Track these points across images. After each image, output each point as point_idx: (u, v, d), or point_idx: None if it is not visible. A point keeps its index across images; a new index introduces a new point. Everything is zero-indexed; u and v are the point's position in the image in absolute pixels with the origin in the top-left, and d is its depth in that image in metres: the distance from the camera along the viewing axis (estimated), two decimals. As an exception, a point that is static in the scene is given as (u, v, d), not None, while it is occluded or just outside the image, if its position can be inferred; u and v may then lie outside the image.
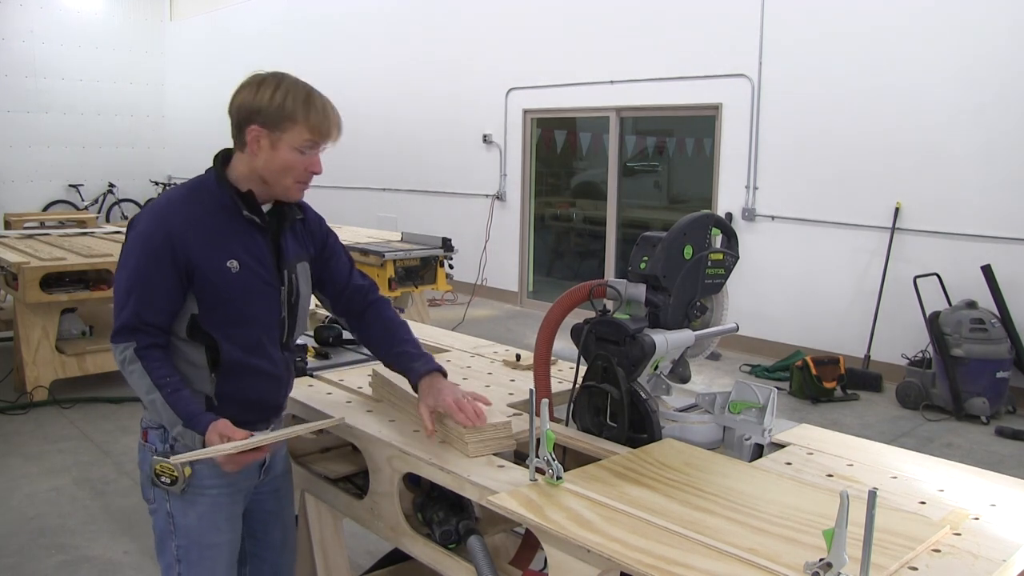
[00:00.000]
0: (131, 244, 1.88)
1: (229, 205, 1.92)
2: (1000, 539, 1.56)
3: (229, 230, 1.91)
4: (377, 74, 10.85)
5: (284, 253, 2.01)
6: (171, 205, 1.91)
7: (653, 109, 8.07)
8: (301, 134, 1.87)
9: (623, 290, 2.16)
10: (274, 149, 1.88)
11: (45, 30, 14.03)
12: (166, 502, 1.95)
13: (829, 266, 6.72)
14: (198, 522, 1.96)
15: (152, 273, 1.84)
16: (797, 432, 2.18)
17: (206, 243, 1.87)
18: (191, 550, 1.97)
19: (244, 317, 1.93)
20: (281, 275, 2.00)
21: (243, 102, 1.89)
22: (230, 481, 1.98)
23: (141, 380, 1.84)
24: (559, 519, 1.59)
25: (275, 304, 2.00)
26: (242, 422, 1.89)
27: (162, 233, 1.84)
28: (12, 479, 4.27)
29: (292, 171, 1.91)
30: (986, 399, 5.41)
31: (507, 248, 9.35)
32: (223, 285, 1.88)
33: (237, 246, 1.91)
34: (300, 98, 1.88)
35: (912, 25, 6.11)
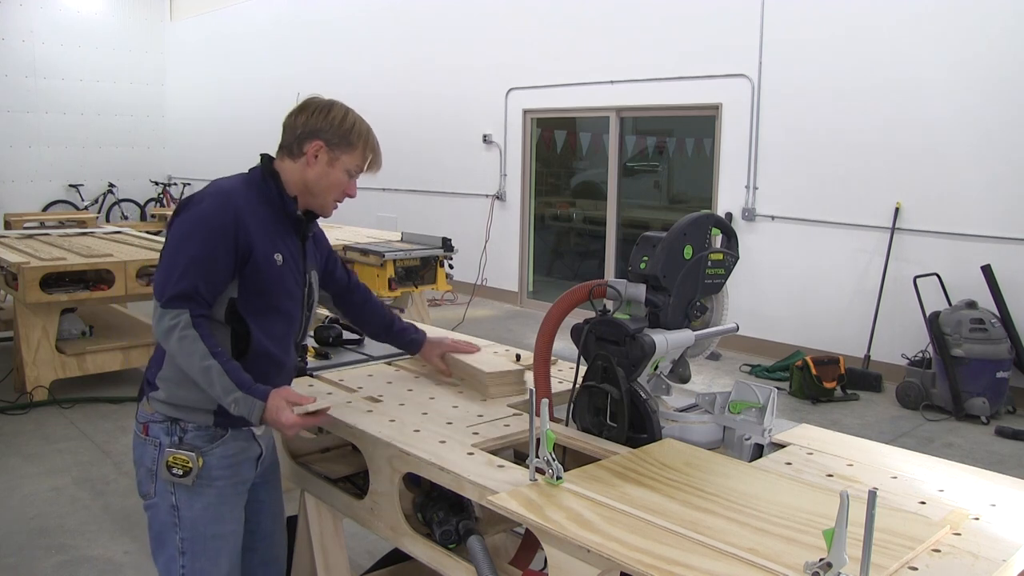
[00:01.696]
0: (195, 219, 1.93)
1: (277, 203, 2.06)
2: (1000, 539, 1.56)
3: (276, 225, 2.04)
4: (377, 74, 10.86)
5: (307, 256, 2.17)
6: (235, 190, 2.00)
7: (653, 109, 8.07)
8: (356, 159, 2.09)
9: (623, 290, 2.16)
10: (330, 166, 2.07)
11: (45, 30, 14.03)
12: (171, 495, 1.99)
13: (829, 266, 6.72)
14: (204, 513, 2.00)
15: (216, 248, 1.90)
16: (797, 432, 2.18)
17: (262, 232, 1.98)
18: (196, 541, 2.00)
19: (279, 309, 2.05)
20: (305, 277, 2.15)
21: (310, 120, 2.06)
22: (235, 472, 2.06)
23: (195, 346, 1.87)
24: (559, 519, 1.59)
25: (299, 302, 2.13)
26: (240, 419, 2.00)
27: (231, 213, 1.93)
28: (12, 479, 4.27)
29: (337, 189, 2.10)
30: (986, 399, 5.41)
31: (507, 248, 9.35)
32: (268, 275, 1.99)
33: (280, 242, 2.04)
34: (364, 130, 2.13)
35: (912, 25, 6.11)
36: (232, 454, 2.05)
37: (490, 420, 2.27)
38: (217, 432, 2.03)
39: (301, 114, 2.08)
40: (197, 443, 2.00)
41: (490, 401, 2.45)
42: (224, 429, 2.03)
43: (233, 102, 13.63)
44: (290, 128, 2.08)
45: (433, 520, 2.04)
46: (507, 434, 2.17)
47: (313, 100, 2.12)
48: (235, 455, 2.07)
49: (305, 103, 2.11)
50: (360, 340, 3.09)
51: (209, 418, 2.01)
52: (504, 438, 2.16)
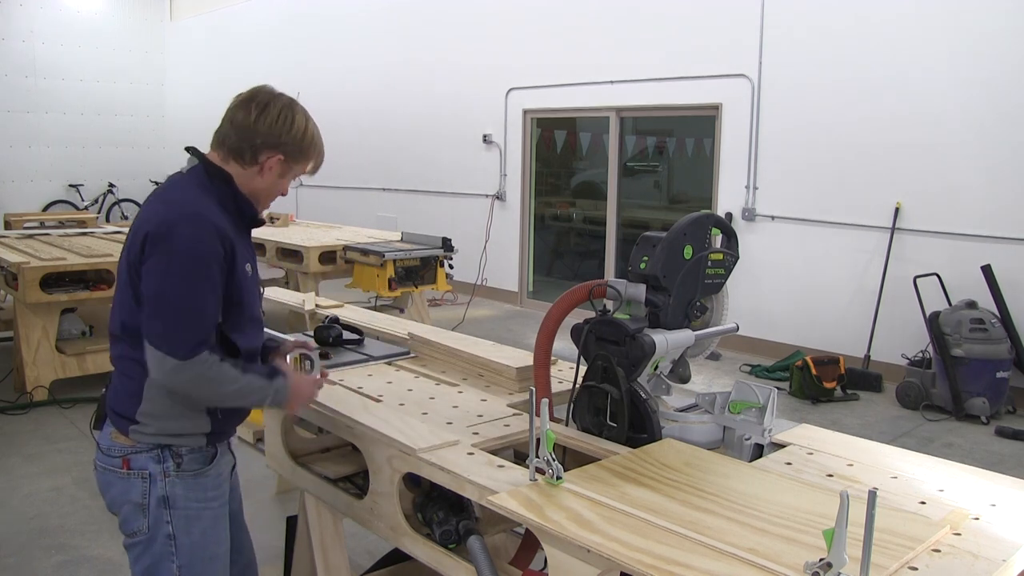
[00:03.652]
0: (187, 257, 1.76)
1: (232, 209, 1.92)
2: (1000, 539, 1.56)
3: (238, 234, 1.91)
4: (377, 74, 10.86)
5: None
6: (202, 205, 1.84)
7: (653, 109, 8.06)
8: (305, 168, 2.01)
9: (623, 290, 2.16)
10: (281, 177, 1.97)
11: (45, 30, 14.03)
12: (167, 524, 1.88)
13: (829, 266, 6.72)
14: (202, 537, 1.93)
15: (215, 282, 1.80)
16: (797, 432, 2.18)
17: (233, 244, 1.85)
18: (194, 565, 1.92)
19: (251, 319, 1.95)
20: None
21: (275, 130, 1.90)
22: (223, 491, 2.00)
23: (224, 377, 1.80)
24: (559, 519, 1.60)
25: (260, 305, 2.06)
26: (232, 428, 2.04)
27: (216, 238, 1.79)
28: (12, 479, 4.27)
29: (274, 189, 2.00)
30: (986, 399, 5.41)
31: (507, 248, 9.35)
32: (244, 286, 1.89)
33: (246, 249, 1.94)
34: (319, 141, 2.01)
35: (912, 25, 6.11)
36: (221, 472, 2.00)
37: (490, 420, 2.27)
38: (209, 451, 1.95)
39: (261, 118, 1.90)
40: (195, 466, 1.91)
41: (490, 401, 2.46)
42: (214, 448, 1.96)
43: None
44: (245, 131, 1.91)
45: (433, 520, 2.04)
46: (507, 434, 2.17)
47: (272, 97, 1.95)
48: (223, 472, 2.01)
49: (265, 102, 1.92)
50: (360, 340, 3.09)
51: (203, 440, 1.92)
52: (504, 438, 2.16)
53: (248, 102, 1.93)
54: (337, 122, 11.65)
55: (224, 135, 1.94)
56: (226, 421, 1.96)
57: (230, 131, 1.93)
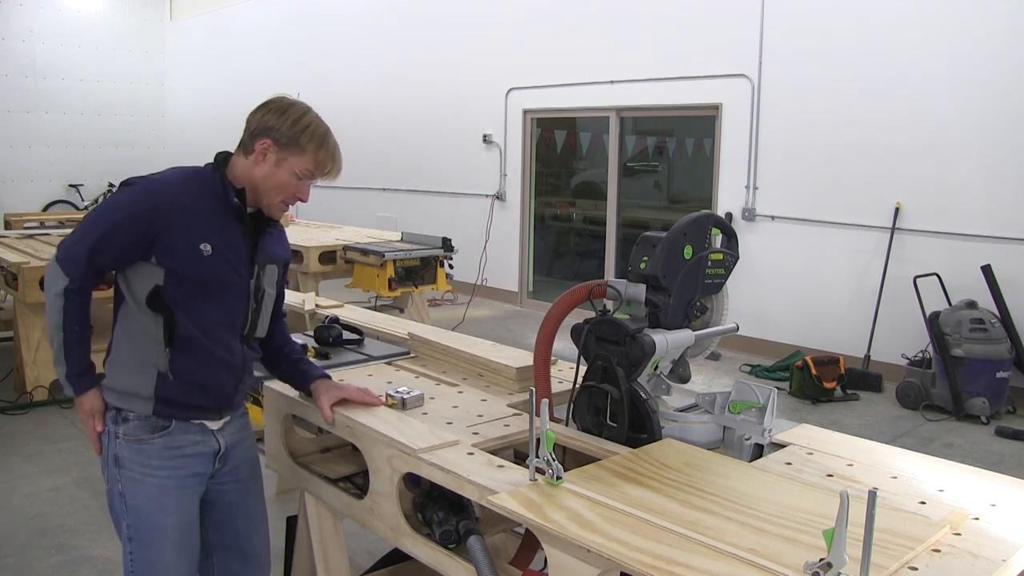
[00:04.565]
0: (121, 197, 2.00)
1: (220, 194, 2.05)
2: (1000, 539, 1.56)
3: (213, 217, 2.02)
4: (377, 74, 10.86)
5: (260, 249, 2.13)
6: (166, 183, 2.03)
7: (653, 109, 8.06)
8: (305, 163, 2.06)
9: (623, 290, 2.16)
10: (277, 166, 2.05)
11: (45, 30, 14.02)
12: (118, 483, 2.04)
13: (829, 266, 6.72)
14: (147, 503, 2.03)
15: (124, 229, 1.95)
16: (797, 432, 2.18)
17: (186, 224, 1.98)
18: (140, 529, 2.04)
19: (208, 297, 2.03)
20: (252, 268, 2.11)
21: (265, 118, 2.05)
22: (179, 464, 2.07)
23: (57, 316, 1.97)
24: (559, 519, 1.60)
25: (241, 293, 2.10)
26: (193, 406, 2.06)
27: (149, 204, 1.97)
28: (12, 479, 4.27)
29: (284, 191, 2.08)
30: (986, 399, 5.41)
31: (507, 248, 9.35)
32: (192, 264, 1.99)
33: (215, 233, 2.02)
34: (319, 134, 2.08)
35: (912, 25, 6.11)
36: (177, 446, 2.06)
37: (490, 420, 2.28)
38: (159, 423, 2.04)
39: (259, 111, 2.08)
40: (138, 433, 2.03)
41: (490, 401, 2.46)
42: (167, 420, 2.05)
43: (233, 102, 13.60)
44: (247, 124, 2.08)
45: (433, 520, 2.04)
46: (507, 434, 2.17)
47: (277, 99, 2.11)
48: (181, 447, 2.07)
49: (267, 101, 2.10)
50: (360, 340, 3.09)
51: (148, 407, 2.03)
52: (504, 438, 2.16)
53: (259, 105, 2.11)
54: (337, 122, 11.54)
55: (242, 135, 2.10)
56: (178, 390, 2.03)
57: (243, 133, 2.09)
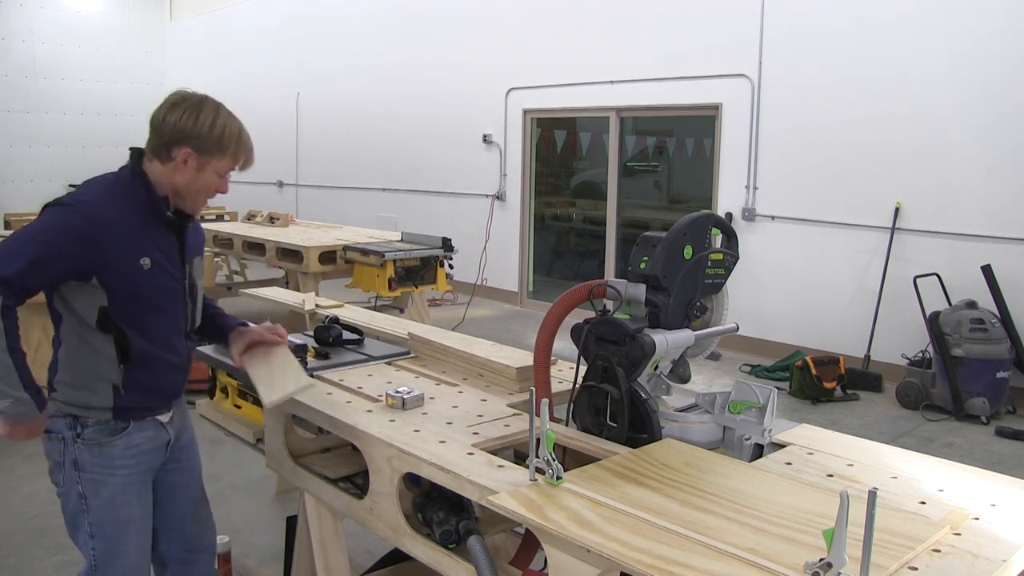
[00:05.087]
0: (51, 216, 1.97)
1: (146, 205, 2.06)
2: (1000, 539, 1.56)
3: (145, 229, 2.05)
4: (377, 74, 10.86)
5: (186, 248, 2.18)
6: (99, 200, 2.01)
7: (653, 109, 8.06)
8: (227, 163, 2.10)
9: (623, 290, 2.16)
10: (200, 171, 2.07)
11: (45, 30, 14.02)
12: (77, 484, 2.09)
13: (829, 266, 6.72)
14: (111, 501, 2.10)
15: (59, 250, 1.93)
16: (797, 432, 2.18)
17: (124, 241, 1.99)
18: (104, 526, 2.11)
19: (154, 310, 2.09)
20: (184, 269, 2.17)
21: (180, 125, 2.03)
22: (139, 462, 2.15)
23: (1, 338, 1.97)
24: (559, 519, 1.60)
25: (179, 297, 2.17)
26: (145, 408, 2.14)
27: (85, 222, 1.95)
28: (12, 479, 4.27)
29: (208, 192, 2.13)
30: (986, 399, 5.41)
31: (507, 248, 9.35)
32: (134, 280, 2.02)
33: (151, 245, 2.05)
34: (235, 133, 2.10)
35: (912, 25, 6.11)
36: (136, 444, 2.13)
37: (490, 420, 2.28)
38: (118, 425, 2.10)
39: (170, 114, 2.04)
40: (99, 437, 2.09)
41: (490, 401, 2.46)
42: (126, 422, 2.11)
43: (233, 102, 13.37)
44: (158, 129, 2.06)
45: (433, 520, 2.04)
46: (507, 434, 2.17)
47: (183, 98, 2.08)
48: (140, 445, 2.14)
49: (174, 101, 2.07)
50: (360, 340, 3.09)
51: (107, 415, 2.08)
52: (504, 438, 2.16)
53: (161, 104, 2.08)
54: (337, 122, 11.69)
55: (148, 138, 2.09)
56: (134, 398, 2.09)
57: (150, 133, 2.08)
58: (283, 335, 2.41)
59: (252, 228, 7.87)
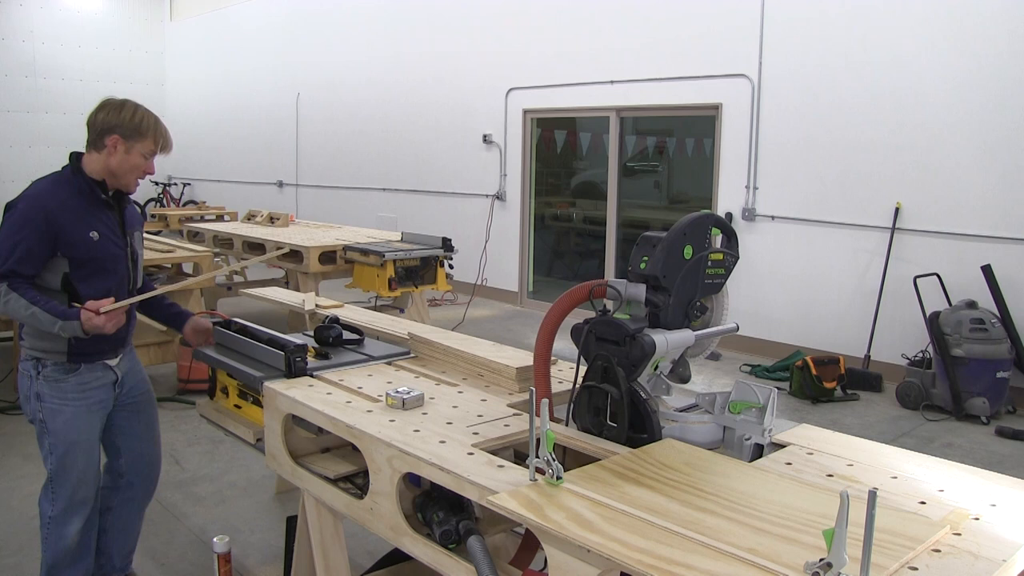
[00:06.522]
0: (15, 217, 2.54)
1: (87, 191, 2.63)
2: (1000, 539, 1.56)
3: (88, 209, 2.62)
4: (377, 74, 10.86)
5: (126, 223, 2.76)
6: (45, 192, 2.59)
7: (653, 109, 8.06)
8: (148, 145, 2.64)
9: (623, 290, 2.16)
10: (127, 153, 2.62)
11: (45, 30, 14.03)
12: (39, 412, 2.68)
13: (829, 266, 6.72)
14: (63, 426, 2.68)
15: (31, 240, 2.51)
16: (797, 432, 2.18)
17: (73, 220, 2.57)
18: (58, 446, 2.69)
19: (103, 271, 2.64)
20: (125, 239, 2.74)
21: (107, 118, 2.60)
22: (87, 396, 2.71)
23: (18, 303, 2.49)
24: (559, 519, 1.59)
25: (123, 261, 2.73)
26: (93, 352, 2.68)
27: (41, 212, 2.53)
28: (12, 479, 4.27)
29: (137, 170, 2.66)
30: (986, 399, 5.41)
31: (507, 248, 9.35)
32: (87, 249, 2.59)
33: (95, 221, 2.62)
34: (152, 122, 2.66)
35: (912, 25, 6.11)
36: (86, 382, 2.69)
37: (490, 420, 2.28)
38: (72, 366, 2.66)
39: (99, 113, 2.61)
40: (56, 375, 2.65)
41: (490, 401, 2.46)
42: (77, 364, 2.67)
43: (233, 102, 13.63)
44: (91, 126, 2.62)
45: (433, 520, 2.04)
46: (507, 434, 2.17)
47: (108, 100, 2.64)
48: (89, 383, 2.70)
49: (102, 103, 2.63)
50: (360, 340, 3.09)
51: (63, 358, 2.64)
52: (504, 438, 2.16)
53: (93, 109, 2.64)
54: (337, 122, 11.69)
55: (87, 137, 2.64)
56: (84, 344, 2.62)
57: (88, 132, 2.63)
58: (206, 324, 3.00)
59: (252, 228, 7.88)
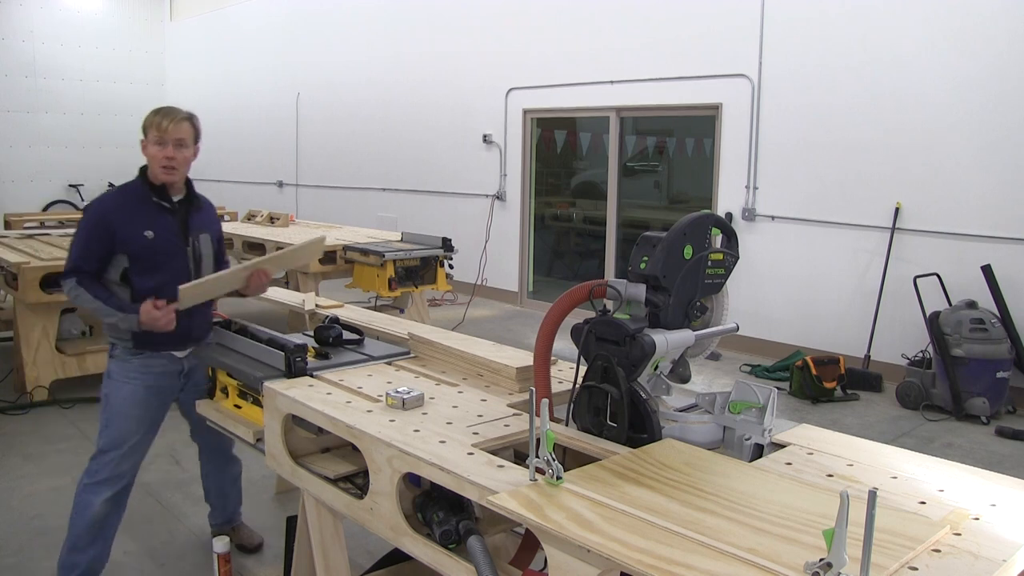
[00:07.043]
0: (84, 218, 2.94)
1: (146, 196, 2.94)
2: (1000, 539, 1.56)
3: (146, 212, 2.93)
4: (377, 74, 10.86)
5: (188, 226, 3.02)
6: (108, 197, 3.00)
7: (653, 109, 8.06)
8: (153, 130, 2.90)
9: (623, 290, 2.16)
10: (145, 149, 2.93)
11: (45, 30, 14.02)
12: (105, 387, 3.00)
13: (829, 266, 6.72)
14: (120, 401, 2.96)
15: (91, 240, 2.88)
16: (797, 432, 2.18)
17: (128, 221, 2.89)
18: (112, 418, 2.97)
19: (158, 267, 2.91)
20: (187, 240, 3.01)
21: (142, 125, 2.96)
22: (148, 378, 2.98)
23: (84, 297, 2.83)
24: (559, 519, 1.59)
25: (183, 259, 2.99)
26: (158, 342, 2.94)
27: (98, 215, 2.91)
28: (12, 479, 4.27)
29: (156, 159, 2.90)
30: (986, 399, 5.41)
31: (507, 248, 9.35)
32: (141, 247, 2.89)
33: (152, 221, 2.92)
34: (160, 113, 2.91)
35: (912, 25, 6.11)
36: (150, 365, 2.98)
37: (490, 420, 2.28)
38: (136, 351, 2.96)
39: None
40: (124, 356, 2.98)
41: (490, 401, 2.46)
42: (141, 350, 2.96)
43: (233, 102, 13.62)
44: None
45: (433, 520, 2.04)
46: (507, 434, 2.17)
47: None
48: (153, 367, 2.98)
49: None
50: (360, 340, 3.09)
51: (130, 343, 2.96)
52: (504, 438, 2.16)
53: None
54: (337, 122, 11.68)
55: None
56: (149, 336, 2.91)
57: None
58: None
59: (252, 228, 7.88)
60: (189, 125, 2.93)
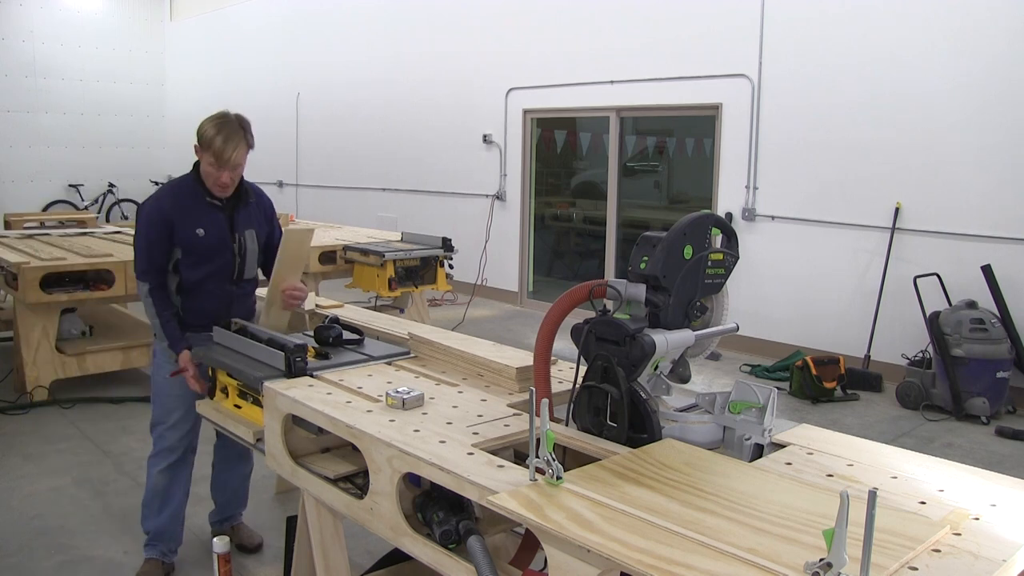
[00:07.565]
0: (142, 218, 3.11)
1: (197, 194, 3.10)
2: (1000, 539, 1.56)
3: (198, 209, 3.09)
4: (377, 74, 10.86)
5: (235, 223, 3.18)
6: (164, 194, 3.15)
7: (653, 109, 8.06)
8: (207, 157, 3.01)
9: (623, 290, 2.16)
10: (199, 155, 3.05)
11: (45, 30, 14.03)
12: (152, 367, 3.27)
13: (829, 266, 6.72)
14: (164, 380, 3.18)
15: (151, 241, 3.06)
16: (797, 432, 2.18)
17: (184, 217, 3.06)
18: (158, 396, 3.24)
19: (205, 260, 3.11)
20: (233, 236, 3.17)
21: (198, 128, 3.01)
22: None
23: (151, 311, 3.08)
24: (559, 519, 1.59)
25: (229, 254, 3.17)
26: (200, 325, 3.11)
27: (157, 212, 3.07)
28: (12, 479, 4.27)
29: (210, 178, 3.06)
30: (986, 399, 5.41)
31: (507, 248, 9.35)
32: (194, 242, 3.07)
33: (203, 218, 3.09)
34: (212, 135, 2.96)
35: (912, 25, 6.11)
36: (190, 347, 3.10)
37: (490, 420, 2.28)
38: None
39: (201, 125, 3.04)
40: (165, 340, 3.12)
41: (490, 401, 2.46)
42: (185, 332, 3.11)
43: (233, 102, 13.59)
44: None
45: (433, 520, 2.04)
46: (507, 434, 2.17)
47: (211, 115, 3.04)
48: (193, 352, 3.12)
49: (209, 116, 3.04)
50: (360, 340, 3.09)
51: None
52: (504, 438, 2.16)
53: None
54: (337, 122, 11.68)
55: None
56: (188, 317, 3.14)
57: None
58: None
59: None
60: (246, 147, 3.00)
